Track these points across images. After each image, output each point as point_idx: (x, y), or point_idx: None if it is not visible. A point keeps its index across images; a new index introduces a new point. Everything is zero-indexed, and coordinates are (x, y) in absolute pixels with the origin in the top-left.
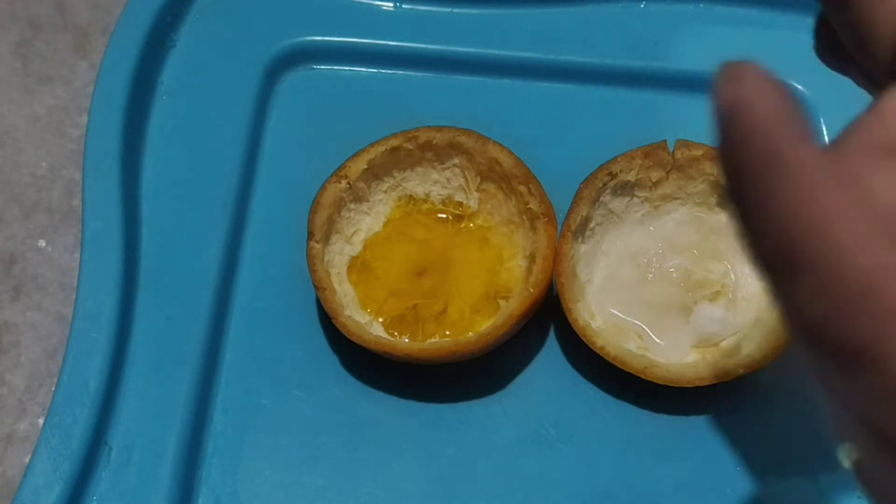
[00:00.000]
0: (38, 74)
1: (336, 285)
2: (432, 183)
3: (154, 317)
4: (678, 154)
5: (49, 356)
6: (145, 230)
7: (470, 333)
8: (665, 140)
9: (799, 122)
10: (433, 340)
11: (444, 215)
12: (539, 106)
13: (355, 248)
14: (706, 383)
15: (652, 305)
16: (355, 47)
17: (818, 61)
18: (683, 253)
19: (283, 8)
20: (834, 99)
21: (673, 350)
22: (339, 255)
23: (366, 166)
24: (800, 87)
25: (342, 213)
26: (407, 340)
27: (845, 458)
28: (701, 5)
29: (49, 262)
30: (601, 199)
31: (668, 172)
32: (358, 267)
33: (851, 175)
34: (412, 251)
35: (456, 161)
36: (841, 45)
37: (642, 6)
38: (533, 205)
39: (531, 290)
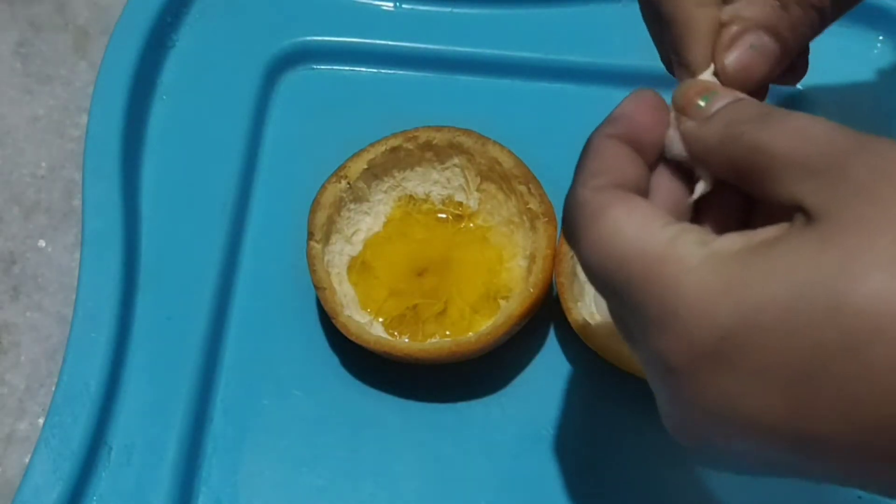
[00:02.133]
0: (38, 74)
1: (336, 285)
2: (432, 183)
3: (154, 317)
4: None
5: (49, 356)
6: (145, 230)
7: (470, 333)
8: None
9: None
10: (433, 340)
11: (444, 215)
12: (539, 106)
13: (355, 248)
14: None
15: None
16: (355, 47)
17: (818, 61)
18: None
19: (283, 8)
20: (833, 98)
21: None
22: (339, 255)
23: (366, 166)
24: (799, 86)
25: (342, 213)
26: (407, 340)
27: None
28: None
29: (49, 262)
30: None
31: None
32: (358, 267)
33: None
34: (412, 251)
35: (456, 161)
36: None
37: None
38: (533, 205)
39: (531, 290)
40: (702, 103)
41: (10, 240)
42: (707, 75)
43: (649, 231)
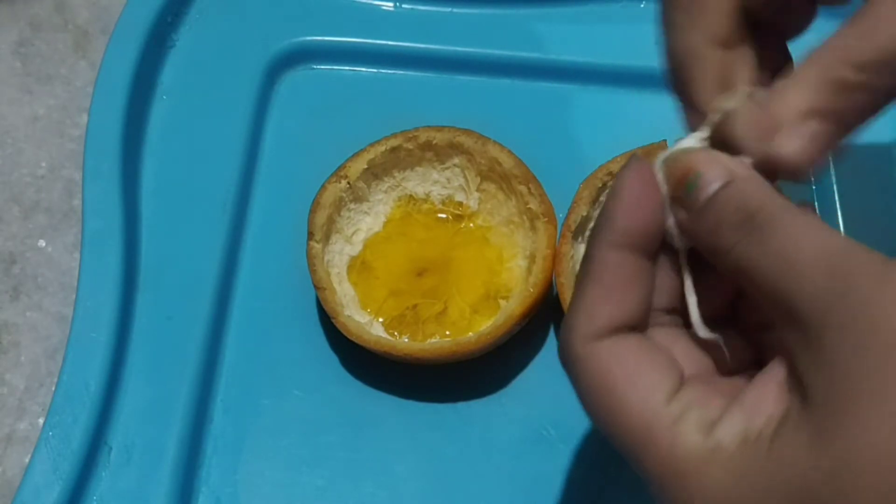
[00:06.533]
0: (38, 74)
1: (336, 285)
2: (432, 183)
3: (154, 317)
4: None
5: (49, 356)
6: (145, 230)
7: (470, 333)
8: (665, 140)
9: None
10: (433, 340)
11: (444, 215)
12: (539, 106)
13: (355, 248)
14: None
15: None
16: (355, 47)
17: None
18: None
19: (283, 8)
20: None
21: None
22: (339, 255)
23: (366, 166)
24: None
25: (342, 213)
26: (407, 340)
27: None
28: None
29: (49, 262)
30: (601, 199)
31: None
32: (358, 267)
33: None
34: (412, 251)
35: (456, 161)
36: None
37: (642, 6)
38: (533, 205)
39: (531, 290)
40: (690, 190)
41: (10, 240)
42: (695, 139)
43: (653, 408)
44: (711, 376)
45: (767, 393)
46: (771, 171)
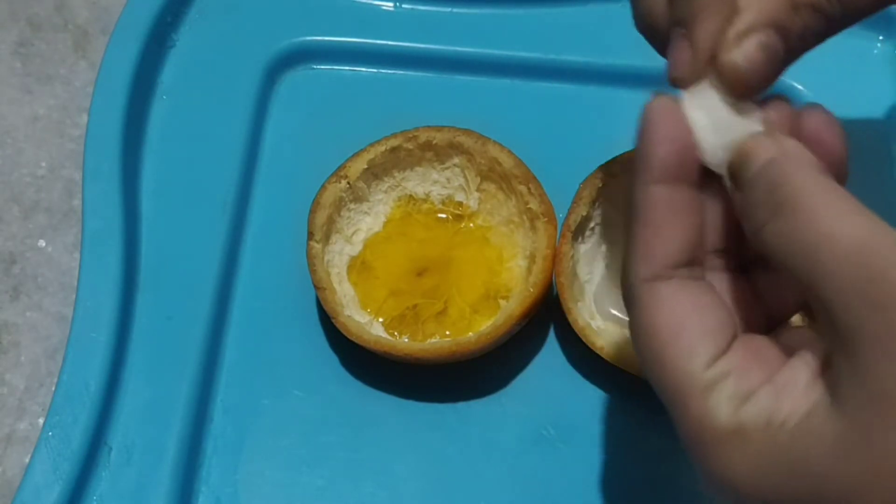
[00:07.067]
0: (38, 74)
1: (336, 285)
2: (432, 183)
3: (154, 317)
4: None
5: (49, 356)
6: (145, 230)
7: (470, 333)
8: None
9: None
10: (433, 340)
11: (444, 215)
12: (539, 106)
13: (355, 248)
14: None
15: None
16: (355, 47)
17: (818, 61)
18: None
19: (283, 8)
20: (833, 98)
21: None
22: (339, 255)
23: (366, 166)
24: (799, 86)
25: (342, 213)
26: (407, 340)
27: None
28: None
29: (49, 262)
30: (601, 198)
31: None
32: (358, 267)
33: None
34: (412, 251)
35: (456, 161)
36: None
37: None
38: (533, 205)
39: (531, 289)
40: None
41: (10, 240)
42: (700, 90)
43: (690, 371)
44: (758, 337)
45: (799, 379)
46: (727, 84)
